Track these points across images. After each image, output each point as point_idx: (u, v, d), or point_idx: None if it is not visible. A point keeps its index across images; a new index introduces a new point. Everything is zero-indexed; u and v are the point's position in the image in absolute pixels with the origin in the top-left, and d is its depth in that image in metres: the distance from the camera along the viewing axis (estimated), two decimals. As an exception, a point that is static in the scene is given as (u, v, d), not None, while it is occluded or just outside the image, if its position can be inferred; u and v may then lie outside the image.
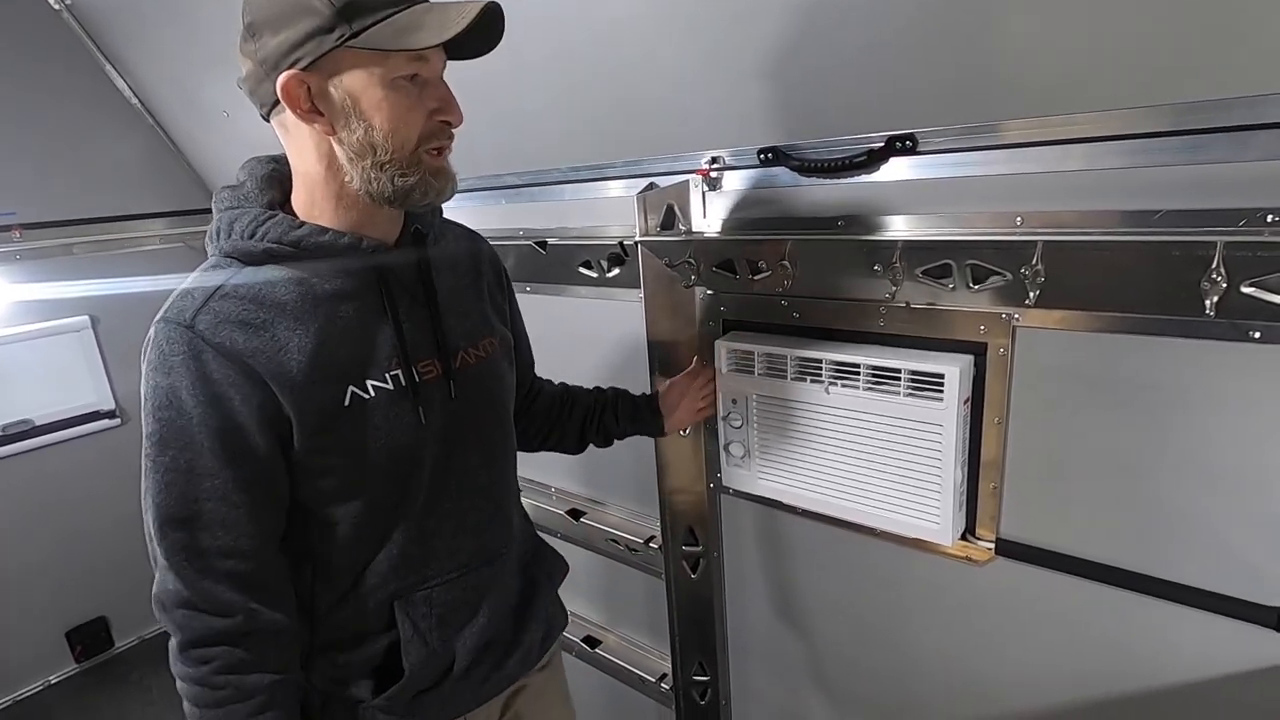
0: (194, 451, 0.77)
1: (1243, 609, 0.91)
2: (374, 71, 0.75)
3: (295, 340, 0.79)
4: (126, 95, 2.31)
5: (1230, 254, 0.79)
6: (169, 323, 0.77)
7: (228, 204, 0.84)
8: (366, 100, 0.76)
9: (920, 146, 0.99)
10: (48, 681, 2.46)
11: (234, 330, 0.77)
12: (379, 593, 0.89)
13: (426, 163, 0.80)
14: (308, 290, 0.81)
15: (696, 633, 1.51)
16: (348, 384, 0.82)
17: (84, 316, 2.35)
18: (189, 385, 0.76)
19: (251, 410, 0.77)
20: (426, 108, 0.79)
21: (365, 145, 0.77)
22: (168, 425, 0.77)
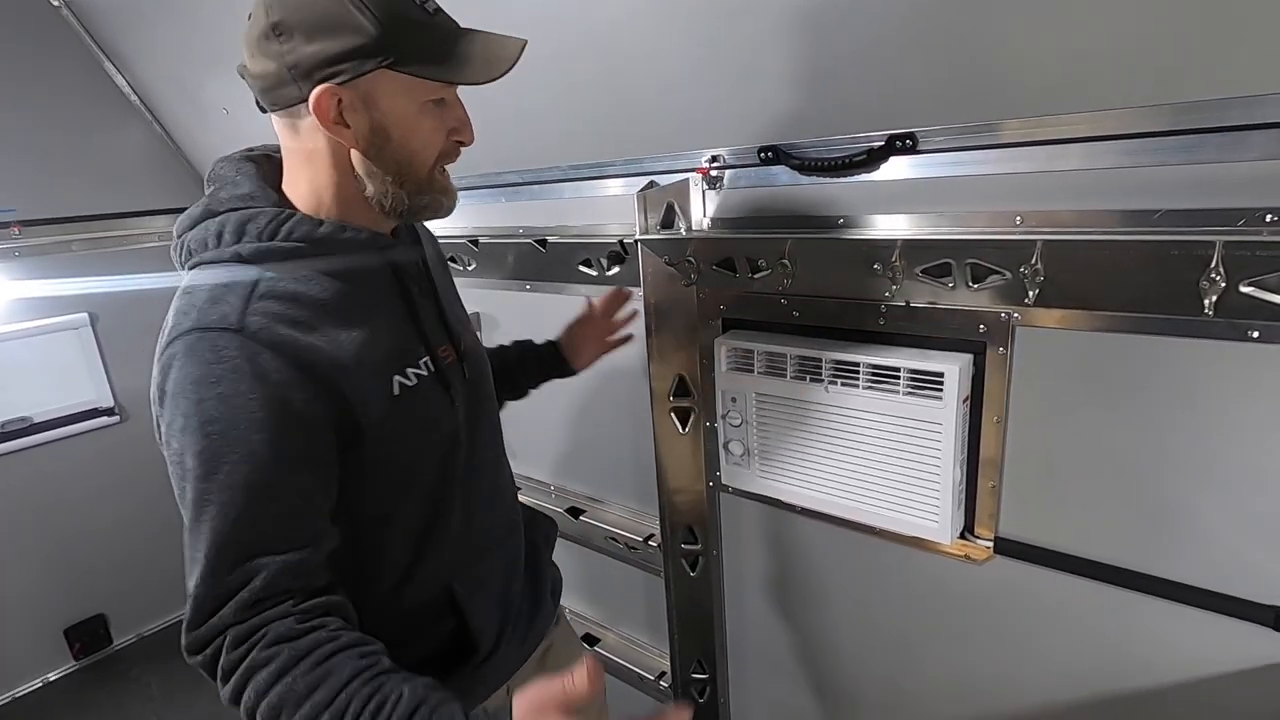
0: (253, 463, 0.71)
1: (1240, 607, 0.91)
2: (408, 96, 0.76)
3: (343, 336, 0.77)
4: (125, 92, 2.31)
5: (1229, 253, 0.79)
6: (210, 331, 0.72)
7: (229, 205, 0.81)
8: (398, 121, 0.76)
9: (920, 145, 0.99)
10: (46, 679, 2.46)
11: (288, 329, 0.74)
12: (435, 578, 0.91)
13: (438, 182, 0.82)
14: (339, 288, 0.79)
15: (695, 631, 1.52)
16: (393, 374, 0.82)
17: (83, 314, 2.35)
18: (247, 390, 0.71)
19: (317, 412, 0.74)
20: (446, 129, 0.80)
21: (389, 163, 0.78)
22: (220, 439, 0.71)
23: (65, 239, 2.30)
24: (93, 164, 2.32)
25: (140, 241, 2.46)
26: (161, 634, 2.65)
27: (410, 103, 0.77)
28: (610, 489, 1.70)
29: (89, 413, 2.41)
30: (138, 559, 2.55)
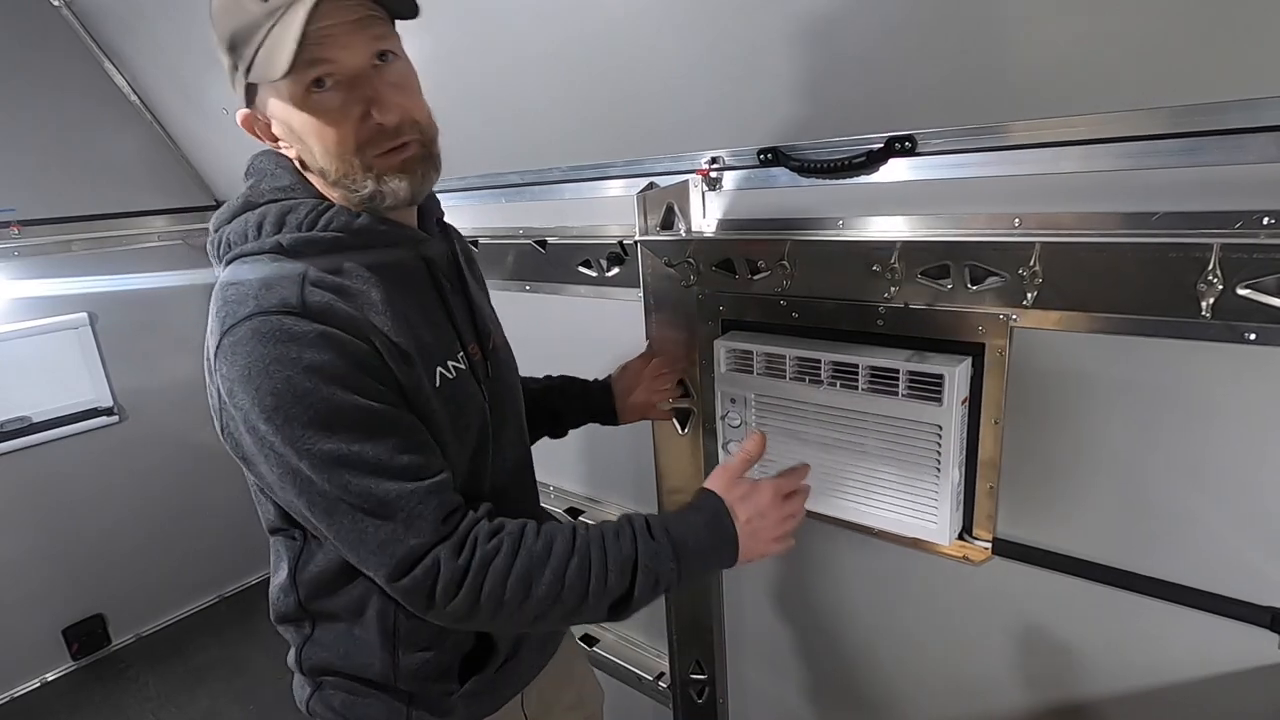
0: (365, 413, 0.71)
1: (1237, 608, 0.91)
2: (283, 96, 0.73)
3: (389, 325, 0.76)
4: (125, 92, 2.31)
5: (1226, 256, 0.79)
6: (270, 314, 0.70)
7: (270, 196, 0.79)
8: (293, 126, 0.74)
9: (919, 148, 0.99)
10: (44, 679, 2.46)
11: (347, 306, 0.73)
12: None
13: (379, 168, 0.75)
14: (377, 281, 0.78)
15: (694, 631, 1.52)
16: (436, 365, 0.81)
17: (83, 313, 2.35)
18: (332, 360, 0.70)
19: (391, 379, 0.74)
20: (353, 114, 0.73)
21: (318, 164, 0.76)
22: (321, 406, 0.69)
23: (65, 239, 2.31)
24: (92, 164, 2.33)
25: (140, 241, 2.47)
26: (160, 634, 2.65)
27: (291, 103, 0.73)
28: (609, 489, 1.70)
29: (88, 412, 2.42)
30: (136, 559, 2.56)
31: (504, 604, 0.74)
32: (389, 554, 0.72)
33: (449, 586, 0.73)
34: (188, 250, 2.55)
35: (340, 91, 0.72)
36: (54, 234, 2.28)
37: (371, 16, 0.72)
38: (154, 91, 2.28)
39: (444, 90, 1.49)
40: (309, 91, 0.71)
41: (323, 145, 0.74)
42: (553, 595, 0.76)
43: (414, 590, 0.73)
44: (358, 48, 0.71)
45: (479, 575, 0.73)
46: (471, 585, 0.73)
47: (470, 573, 0.73)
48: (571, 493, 1.77)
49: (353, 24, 0.70)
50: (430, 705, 0.91)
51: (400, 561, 0.72)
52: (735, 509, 0.86)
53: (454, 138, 1.62)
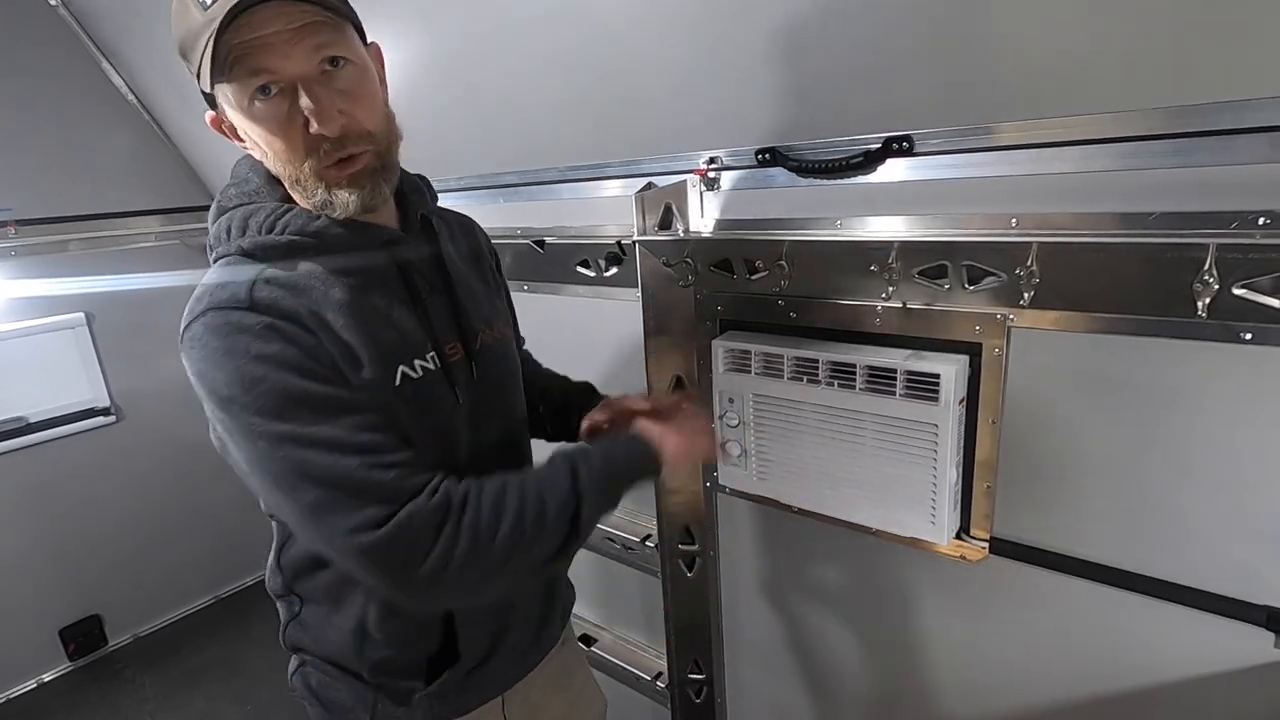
0: (314, 399, 0.72)
1: (1233, 607, 0.92)
2: (231, 103, 0.74)
3: (343, 322, 0.77)
4: (123, 91, 2.31)
5: (1222, 256, 0.80)
6: (221, 309, 0.72)
7: (236, 201, 0.82)
8: (245, 130, 0.76)
9: (917, 148, 1.00)
10: (41, 680, 2.46)
11: (294, 300, 0.74)
12: None
13: (328, 179, 0.76)
14: (336, 281, 0.79)
15: (692, 631, 1.52)
16: (398, 365, 0.81)
17: (79, 313, 2.34)
18: (280, 349, 0.71)
19: (339, 369, 0.75)
20: (296, 123, 0.73)
21: (275, 168, 0.78)
22: (272, 394, 0.70)
23: (61, 238, 2.30)
24: (89, 163, 2.32)
25: (136, 241, 2.46)
26: (156, 634, 2.65)
27: (239, 110, 0.74)
28: (607, 489, 1.70)
29: (85, 413, 2.41)
30: (133, 559, 2.55)
31: (479, 542, 0.73)
32: (356, 525, 0.71)
33: (418, 543, 0.72)
34: (185, 250, 2.55)
35: (284, 100, 0.72)
36: (51, 234, 2.28)
37: (317, 23, 0.71)
38: (151, 91, 2.27)
39: (443, 90, 1.50)
40: (253, 100, 0.72)
41: (272, 151, 0.76)
42: (520, 522, 0.76)
43: (388, 553, 0.71)
44: (298, 56, 0.71)
45: (452, 532, 0.73)
46: (445, 543, 0.72)
47: (443, 531, 0.72)
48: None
49: (294, 31, 0.70)
50: (397, 698, 0.92)
51: (368, 528, 0.71)
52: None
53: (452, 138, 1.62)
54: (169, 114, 2.33)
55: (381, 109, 0.79)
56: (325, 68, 0.73)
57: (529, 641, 1.02)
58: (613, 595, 1.80)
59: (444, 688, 0.92)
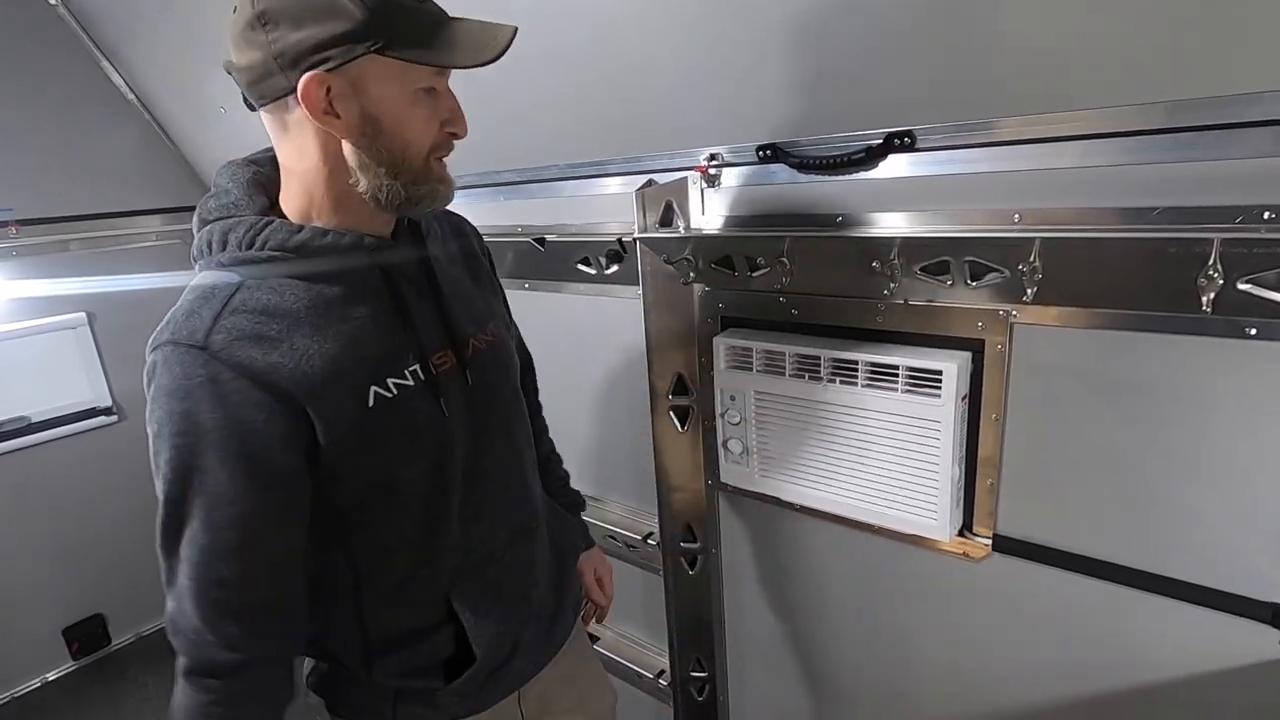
0: (214, 478, 0.74)
1: (1238, 604, 0.91)
2: (399, 83, 0.75)
3: (315, 347, 0.77)
4: (123, 90, 2.30)
5: (1227, 251, 0.79)
6: (179, 345, 0.74)
7: (216, 214, 0.81)
8: (390, 110, 0.75)
9: (919, 143, 0.99)
10: (45, 679, 2.46)
11: (251, 347, 0.74)
12: (433, 588, 0.90)
13: (435, 172, 0.81)
14: (317, 295, 0.79)
15: (694, 629, 1.52)
16: (370, 384, 0.80)
17: (81, 313, 2.34)
18: (208, 409, 0.73)
19: (274, 430, 0.75)
20: (439, 119, 0.79)
21: (383, 153, 0.76)
22: (187, 450, 0.74)
23: (62, 238, 2.30)
24: (90, 163, 2.32)
25: (137, 241, 2.46)
26: (160, 634, 2.61)
27: (401, 90, 0.75)
28: (609, 487, 1.70)
29: (87, 412, 2.41)
30: (136, 559, 2.55)
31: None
32: (169, 604, 0.80)
33: (178, 670, 0.80)
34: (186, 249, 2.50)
35: (439, 100, 0.79)
36: (51, 234, 2.27)
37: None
38: (152, 91, 2.27)
39: (442, 88, 1.49)
40: (420, 91, 0.77)
41: (412, 138, 0.77)
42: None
43: (176, 644, 0.80)
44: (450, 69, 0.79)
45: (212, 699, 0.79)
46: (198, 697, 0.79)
47: (207, 693, 0.79)
48: (571, 491, 1.77)
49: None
50: (418, 698, 0.92)
51: (169, 617, 0.80)
52: None
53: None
54: (170, 113, 2.32)
55: None
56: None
57: (544, 636, 1.03)
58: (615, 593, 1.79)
59: (466, 686, 0.92)
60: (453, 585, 0.90)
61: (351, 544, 0.86)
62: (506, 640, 0.94)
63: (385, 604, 0.89)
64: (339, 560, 0.87)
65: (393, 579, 0.89)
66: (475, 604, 0.92)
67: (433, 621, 0.91)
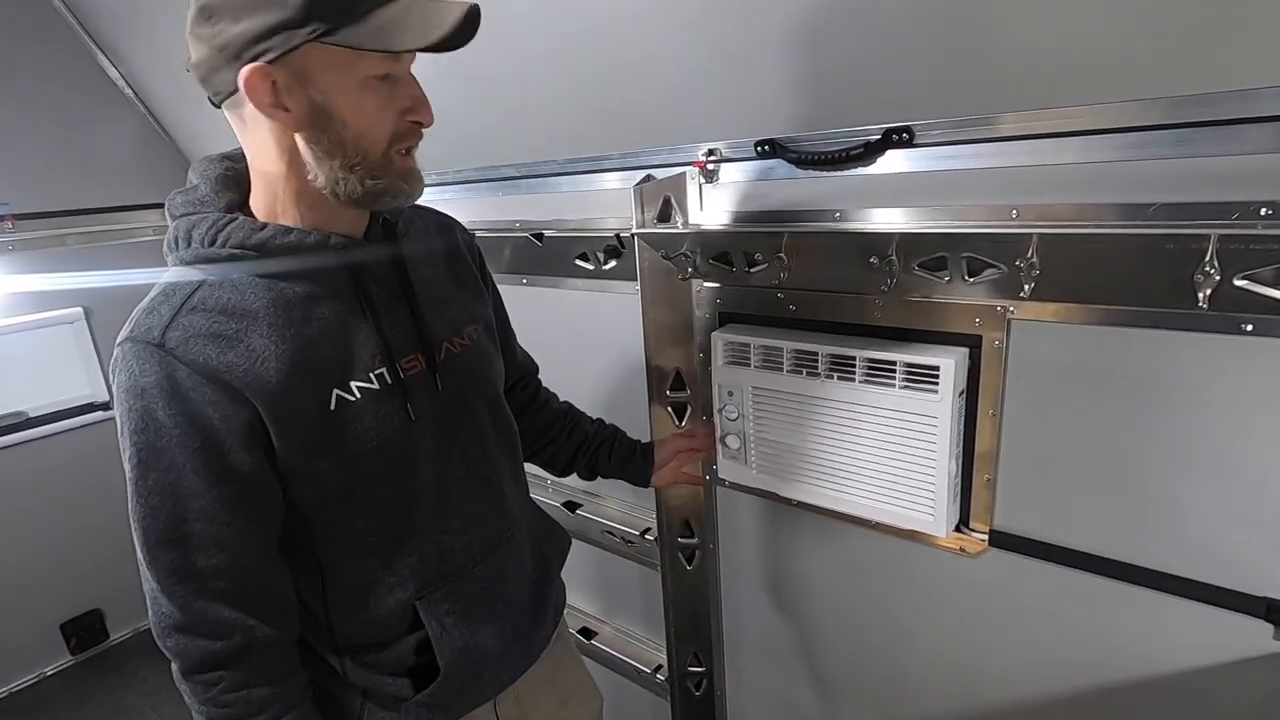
0: (177, 473, 0.74)
1: (1232, 599, 0.92)
2: (347, 70, 0.71)
3: (272, 348, 0.76)
4: (119, 84, 2.29)
5: (1223, 247, 0.79)
6: (136, 342, 0.74)
7: (182, 210, 0.81)
8: (337, 100, 0.72)
9: (917, 139, 0.99)
10: (43, 673, 2.46)
11: (206, 345, 0.74)
12: (398, 594, 0.88)
13: (397, 164, 0.77)
14: (279, 295, 0.77)
15: (692, 624, 1.52)
16: (331, 388, 0.79)
17: (78, 308, 2.34)
18: (164, 406, 0.73)
19: (231, 427, 0.75)
20: (398, 107, 0.75)
21: (335, 145, 0.73)
22: (147, 448, 0.74)
23: (58, 233, 2.30)
24: (86, 157, 2.31)
25: (134, 235, 2.46)
26: (158, 629, 2.65)
27: (349, 77, 0.72)
28: (607, 483, 1.69)
29: (84, 407, 2.41)
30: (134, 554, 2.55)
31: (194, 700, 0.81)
32: (151, 609, 0.80)
33: (177, 676, 0.81)
34: (183, 244, 2.54)
35: (393, 86, 0.75)
36: (47, 228, 2.27)
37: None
38: (147, 84, 2.26)
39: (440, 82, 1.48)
40: (371, 79, 0.73)
41: (364, 128, 0.74)
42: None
43: (167, 649, 0.80)
44: (411, 54, 0.74)
45: (217, 676, 0.80)
46: (200, 681, 0.80)
47: (215, 666, 0.79)
48: (569, 486, 1.77)
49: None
50: (385, 703, 0.91)
51: (155, 623, 0.80)
52: None
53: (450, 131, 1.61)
54: (166, 107, 2.32)
55: None
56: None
57: (520, 648, 1.01)
58: (612, 588, 1.80)
59: (433, 698, 0.91)
60: (419, 595, 0.88)
61: (314, 545, 0.86)
62: (474, 655, 0.92)
63: (350, 607, 0.88)
64: (306, 558, 0.86)
65: (356, 583, 0.87)
66: (442, 616, 0.90)
67: (398, 631, 0.89)
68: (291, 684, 0.83)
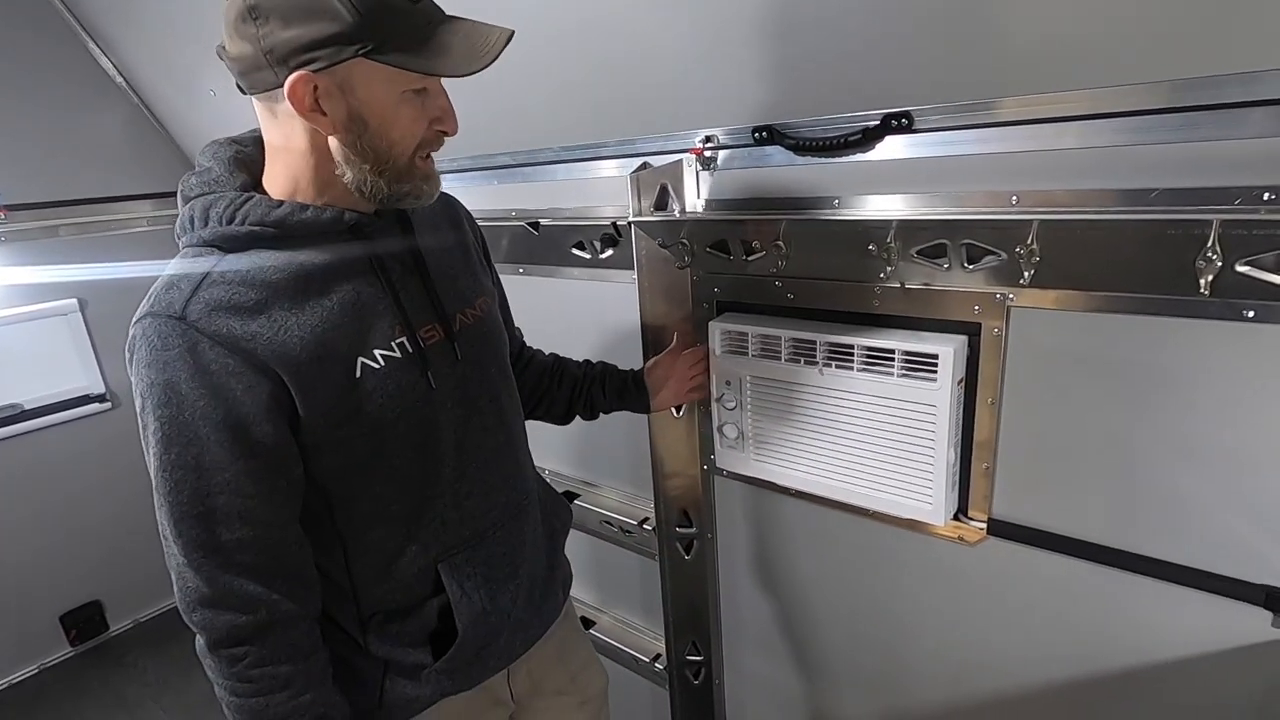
0: (201, 446, 0.75)
1: (1232, 587, 0.91)
2: (388, 85, 0.75)
3: (294, 319, 0.78)
4: (110, 74, 2.27)
5: (1226, 232, 0.79)
6: (157, 317, 0.75)
7: (197, 191, 0.82)
8: (376, 110, 0.76)
9: (916, 125, 0.98)
10: (42, 665, 2.47)
11: (229, 317, 0.75)
12: (421, 559, 0.90)
13: (420, 168, 0.81)
14: (299, 269, 0.79)
15: (690, 613, 1.52)
16: (356, 356, 0.81)
17: (72, 299, 2.33)
18: (188, 379, 0.74)
19: (256, 399, 0.76)
20: (428, 118, 0.79)
21: (367, 150, 0.77)
22: (170, 423, 0.75)
23: (52, 224, 2.28)
24: (78, 147, 2.29)
25: (128, 226, 2.44)
26: (157, 620, 2.65)
27: (389, 92, 0.75)
28: (605, 473, 1.70)
29: (80, 399, 2.40)
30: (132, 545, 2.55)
31: (220, 673, 0.82)
32: (177, 584, 0.80)
33: (201, 655, 0.82)
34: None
35: (429, 99, 0.79)
36: (40, 219, 2.25)
37: None
38: (139, 74, 2.24)
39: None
40: (409, 92, 0.77)
41: (398, 137, 0.78)
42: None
43: (193, 623, 0.81)
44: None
45: (213, 673, 0.82)
46: (225, 656, 0.81)
47: (239, 642, 0.81)
48: (567, 476, 1.77)
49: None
50: (405, 673, 0.93)
51: (181, 597, 0.80)
52: None
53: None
54: (159, 97, 2.29)
55: None
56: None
57: (533, 614, 1.03)
58: (611, 578, 1.80)
59: (452, 663, 0.93)
60: (441, 559, 0.91)
61: (336, 519, 0.87)
62: (491, 617, 0.95)
63: (375, 576, 0.90)
64: (328, 533, 0.88)
65: (380, 553, 0.89)
66: (463, 580, 0.92)
67: (420, 594, 0.92)
68: (314, 662, 0.85)
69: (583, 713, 1.18)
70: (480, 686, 0.99)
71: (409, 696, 0.93)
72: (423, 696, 0.94)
